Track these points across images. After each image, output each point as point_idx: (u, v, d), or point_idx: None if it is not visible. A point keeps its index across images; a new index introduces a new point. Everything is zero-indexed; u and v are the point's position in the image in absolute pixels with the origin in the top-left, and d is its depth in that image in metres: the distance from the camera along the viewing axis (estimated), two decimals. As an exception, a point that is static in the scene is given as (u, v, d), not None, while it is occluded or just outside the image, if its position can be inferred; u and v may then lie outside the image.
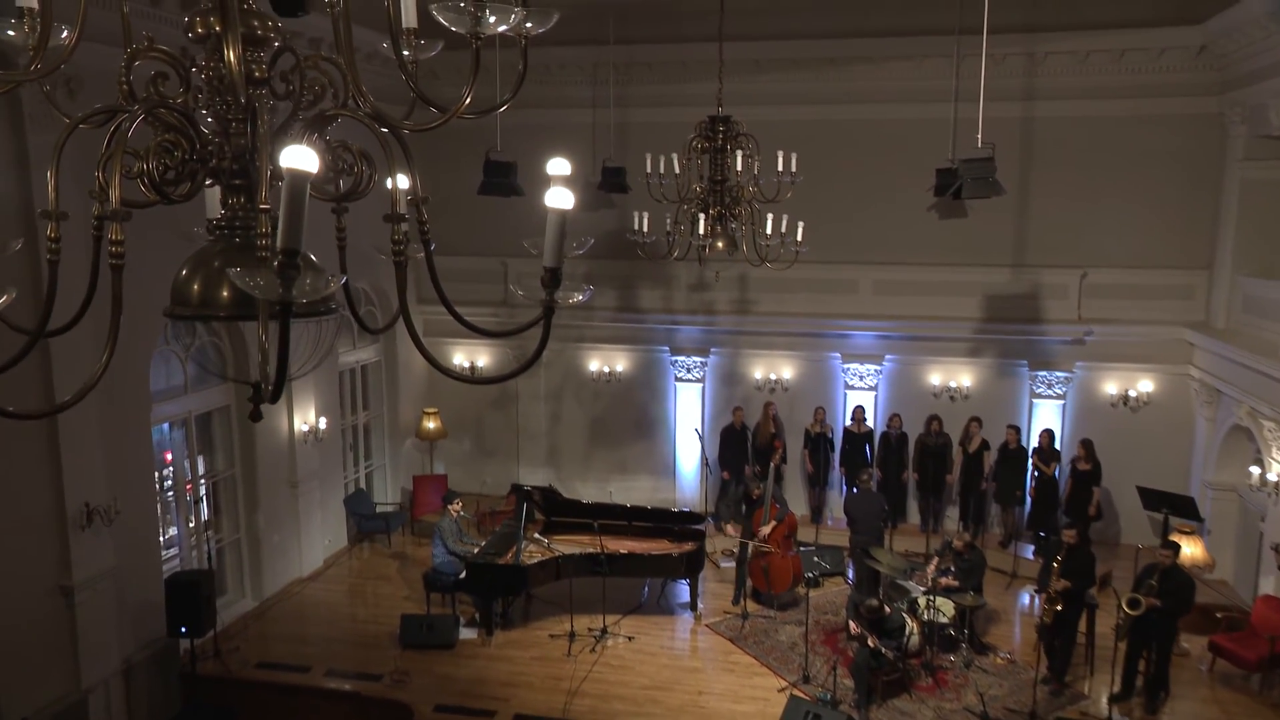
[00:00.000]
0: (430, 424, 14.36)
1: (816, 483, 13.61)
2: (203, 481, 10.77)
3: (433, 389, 14.88)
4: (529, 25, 2.59)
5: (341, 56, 2.30)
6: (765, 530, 10.95)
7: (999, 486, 12.75)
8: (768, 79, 12.82)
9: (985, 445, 12.79)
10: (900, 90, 12.72)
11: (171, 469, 10.36)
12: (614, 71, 13.35)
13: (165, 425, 10.16)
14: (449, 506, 11.20)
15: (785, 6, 12.37)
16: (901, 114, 12.79)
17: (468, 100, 2.38)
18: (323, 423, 12.13)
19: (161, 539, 9.93)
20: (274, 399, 1.97)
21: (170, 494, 10.35)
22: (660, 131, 11.23)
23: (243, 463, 11.14)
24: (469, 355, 14.91)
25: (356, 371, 13.83)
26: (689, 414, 14.23)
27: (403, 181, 2.79)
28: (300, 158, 1.78)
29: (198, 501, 10.56)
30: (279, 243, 1.80)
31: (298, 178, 1.79)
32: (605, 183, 12.68)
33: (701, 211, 8.94)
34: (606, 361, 14.52)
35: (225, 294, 2.32)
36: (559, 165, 2.28)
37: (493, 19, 2.25)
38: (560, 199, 2.22)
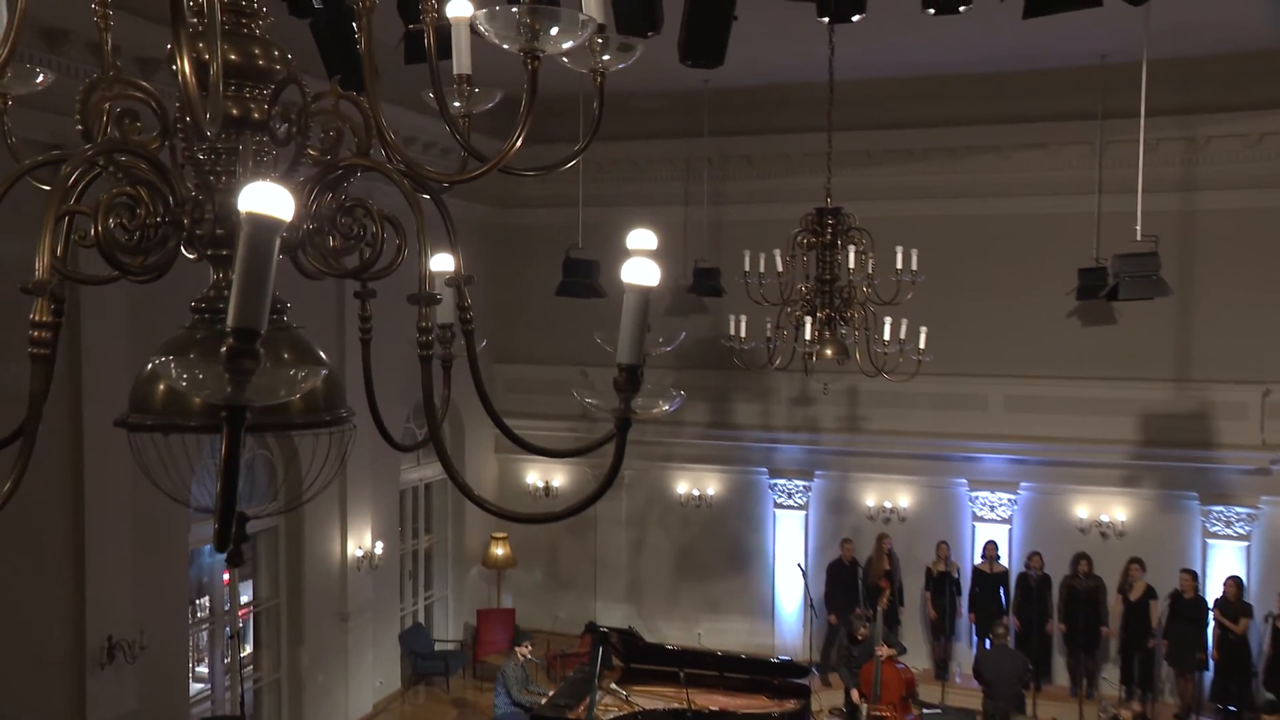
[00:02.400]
0: (498, 550, 13.92)
1: (941, 632, 12.67)
2: (240, 613, 10.45)
3: (503, 511, 14.48)
4: (606, 59, 2.17)
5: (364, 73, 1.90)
6: (857, 696, 10.13)
7: (1172, 645, 11.53)
8: (880, 172, 12.56)
9: (1151, 593, 11.68)
10: (1032, 182, 12.27)
11: (208, 598, 10.07)
12: (708, 165, 13.31)
13: (207, 547, 9.91)
14: (516, 649, 10.74)
15: (899, 93, 12.16)
16: (1034, 208, 12.31)
17: (518, 143, 1.95)
18: (379, 547, 11.80)
19: (191, 677, 9.56)
20: (220, 545, 1.47)
21: (207, 626, 10.03)
22: (758, 230, 10.99)
23: (288, 591, 10.82)
24: (543, 474, 14.56)
25: (419, 490, 13.55)
26: (790, 546, 13.54)
27: (447, 262, 2.37)
28: (264, 199, 1.33)
29: (234, 636, 10.20)
30: (230, 320, 1.34)
31: (260, 226, 1.34)
32: (697, 285, 12.47)
33: (808, 315, 8.53)
34: (696, 484, 14.01)
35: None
36: (642, 237, 1.81)
37: (554, 31, 1.82)
38: (641, 274, 1.74)
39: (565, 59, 2.13)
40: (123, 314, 7.48)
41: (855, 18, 5.72)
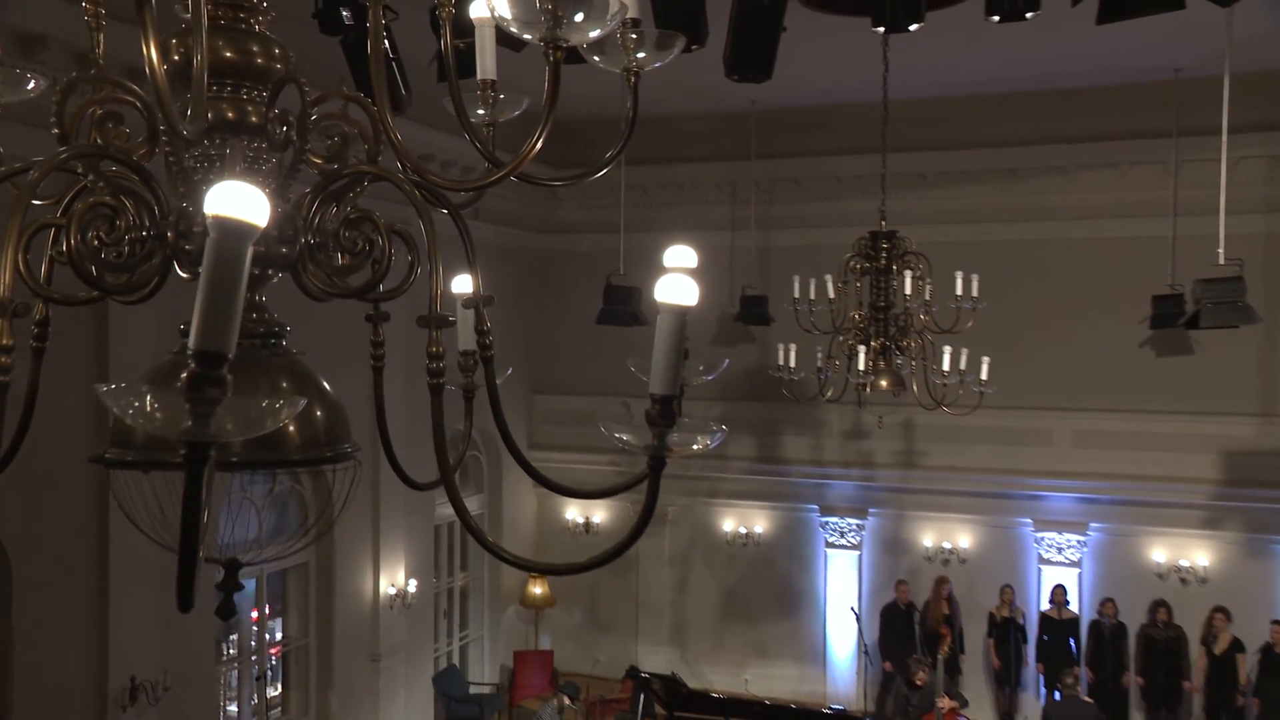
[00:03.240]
0: (536, 589, 13.78)
1: (1006, 682, 12.27)
2: (271, 652, 10.37)
3: (541, 547, 14.40)
4: (640, 56, 2.01)
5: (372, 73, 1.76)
6: None
7: (1264, 705, 11.01)
8: (937, 194, 12.34)
9: (1238, 646, 11.19)
10: (1101, 204, 11.96)
11: (235, 636, 10.00)
12: (756, 189, 13.20)
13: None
14: (561, 695, 10.56)
15: (956, 112, 11.95)
16: (1103, 231, 12.00)
17: (539, 144, 1.79)
18: (413, 585, 11.70)
19: (223, 717, 9.48)
20: (183, 604, 1.30)
21: (235, 666, 9.95)
22: (808, 255, 10.87)
23: (318, 630, 10.74)
24: (584, 510, 14.42)
25: (454, 526, 13.43)
26: (843, 588, 13.28)
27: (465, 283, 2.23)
28: (233, 201, 1.18)
29: (261, 677, 10.12)
30: (192, 341, 1.18)
31: (228, 232, 1.18)
32: (744, 313, 12.32)
33: (861, 344, 8.36)
34: (743, 521, 13.79)
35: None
36: (680, 254, 1.65)
37: (579, 18, 1.67)
38: (675, 292, 1.57)
39: (596, 58, 1.98)
40: (149, 339, 7.43)
41: (913, 27, 5.54)
